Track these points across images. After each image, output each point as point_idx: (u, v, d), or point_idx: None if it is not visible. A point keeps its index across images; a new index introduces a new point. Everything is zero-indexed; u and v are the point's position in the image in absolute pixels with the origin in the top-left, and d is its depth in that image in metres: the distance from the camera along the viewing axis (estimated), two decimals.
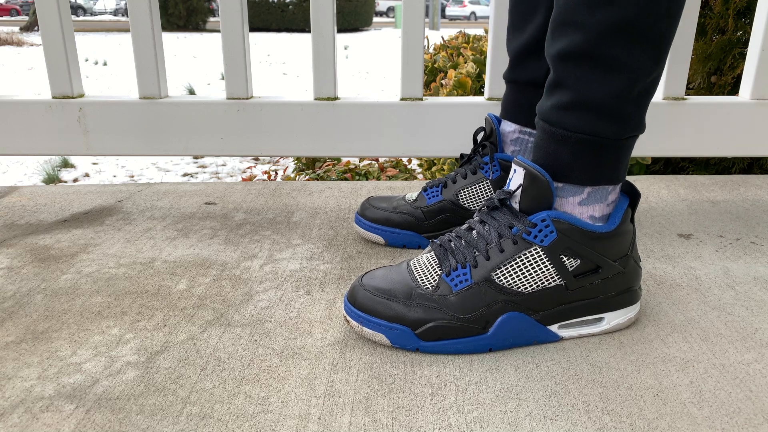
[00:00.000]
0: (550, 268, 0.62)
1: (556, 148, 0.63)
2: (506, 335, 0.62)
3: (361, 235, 0.89)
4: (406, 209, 0.86)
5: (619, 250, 0.64)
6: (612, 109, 0.61)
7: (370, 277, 0.65)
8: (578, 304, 0.64)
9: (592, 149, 0.62)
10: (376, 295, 0.63)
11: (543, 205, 0.62)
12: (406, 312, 0.61)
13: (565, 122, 0.62)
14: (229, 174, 3.20)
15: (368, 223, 0.87)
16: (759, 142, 1.09)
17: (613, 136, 0.62)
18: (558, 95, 0.62)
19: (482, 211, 0.66)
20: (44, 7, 1.04)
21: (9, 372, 0.59)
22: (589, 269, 0.63)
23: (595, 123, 0.61)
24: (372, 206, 0.88)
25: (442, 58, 2.31)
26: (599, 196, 0.64)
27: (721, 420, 0.52)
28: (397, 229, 0.86)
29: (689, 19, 1.04)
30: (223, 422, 0.52)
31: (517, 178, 0.63)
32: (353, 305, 0.64)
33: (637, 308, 0.67)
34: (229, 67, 1.07)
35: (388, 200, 0.89)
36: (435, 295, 0.62)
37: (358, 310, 0.63)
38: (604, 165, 0.63)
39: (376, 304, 0.62)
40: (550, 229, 0.61)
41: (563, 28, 0.60)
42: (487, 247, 0.63)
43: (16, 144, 1.09)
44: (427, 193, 0.87)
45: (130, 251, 0.86)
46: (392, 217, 0.86)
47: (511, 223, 0.63)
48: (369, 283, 0.64)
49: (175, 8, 16.97)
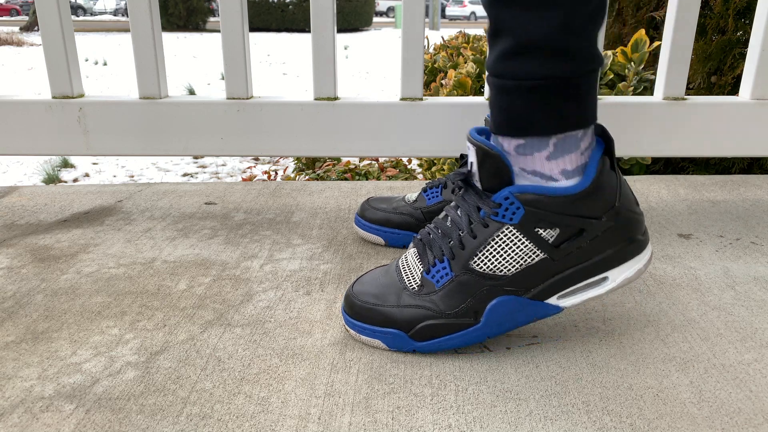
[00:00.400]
0: (528, 245, 0.58)
1: (509, 100, 0.58)
2: (499, 321, 0.60)
3: (361, 236, 0.89)
4: (405, 210, 0.86)
5: (603, 204, 0.59)
6: (557, 47, 0.56)
7: (360, 284, 0.65)
8: (571, 272, 0.60)
9: (547, 94, 0.57)
10: (366, 303, 0.63)
11: (503, 180, 0.58)
12: (397, 315, 0.61)
13: (513, 71, 0.57)
14: (229, 174, 3.20)
15: (368, 223, 0.87)
16: (759, 142, 1.09)
17: (566, 74, 0.57)
18: (500, 44, 0.58)
19: (456, 194, 0.64)
20: (44, 7, 1.04)
21: (9, 372, 0.59)
22: (571, 234, 0.59)
23: (543, 64, 0.56)
24: (372, 207, 0.88)
25: (442, 58, 2.31)
26: (568, 145, 0.58)
27: (721, 420, 0.52)
28: (396, 229, 0.86)
29: (689, 19, 1.04)
30: (223, 422, 0.52)
31: (471, 156, 0.60)
32: (348, 314, 0.64)
33: (645, 257, 0.62)
34: (229, 67, 1.07)
35: (387, 201, 0.89)
36: (420, 294, 0.62)
37: (352, 318, 0.63)
38: (566, 108, 0.58)
39: (367, 312, 0.62)
40: (516, 205, 0.58)
41: None
42: (460, 235, 0.61)
43: (16, 144, 1.09)
44: (427, 194, 0.87)
45: (130, 251, 0.86)
46: (392, 217, 0.86)
47: (478, 204, 0.60)
48: (359, 290, 0.64)
49: (175, 8, 16.97)
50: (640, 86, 1.40)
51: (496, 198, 0.58)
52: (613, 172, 0.60)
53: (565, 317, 0.68)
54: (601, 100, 1.08)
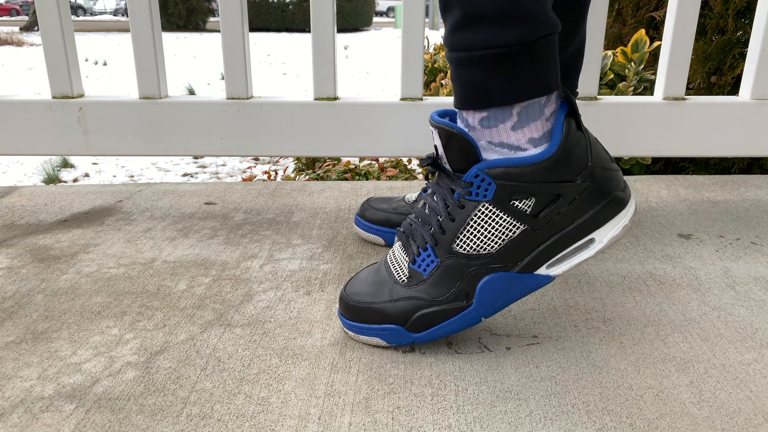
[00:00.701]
0: (506, 218, 0.58)
1: (467, 73, 0.57)
2: (492, 299, 0.60)
3: (361, 237, 0.89)
4: (406, 210, 0.86)
5: (575, 166, 0.58)
6: (506, 13, 0.54)
7: (352, 284, 0.66)
8: (556, 239, 0.60)
9: (503, 63, 0.56)
10: (360, 303, 0.63)
11: (471, 159, 0.58)
12: (391, 310, 0.61)
13: (465, 42, 0.56)
14: (229, 174, 3.20)
15: (368, 224, 0.87)
16: (759, 142, 1.09)
17: (520, 40, 0.55)
18: (450, 17, 0.57)
19: (430, 180, 0.64)
20: (44, 7, 1.04)
21: (9, 372, 0.59)
22: (548, 202, 0.58)
23: (495, 32, 0.55)
24: (371, 207, 0.88)
25: (442, 58, 2.31)
26: (532, 113, 0.57)
27: (721, 420, 0.52)
28: (396, 230, 0.86)
29: (689, 19, 1.04)
30: (223, 422, 0.52)
31: (436, 139, 0.59)
32: (344, 316, 0.64)
33: (629, 213, 0.61)
34: (229, 67, 1.07)
35: (387, 201, 0.89)
36: (410, 285, 0.62)
37: (349, 320, 0.63)
38: (524, 76, 0.56)
39: (362, 311, 0.62)
40: (487, 181, 0.57)
41: None
42: (439, 221, 0.61)
43: (16, 144, 1.09)
44: None
45: (130, 251, 0.86)
46: (392, 218, 0.86)
47: (451, 187, 0.60)
48: (352, 291, 0.64)
49: (175, 8, 16.96)
50: (640, 86, 1.40)
51: (466, 177, 0.58)
52: (581, 132, 0.60)
53: (565, 317, 0.68)
54: (601, 100, 1.08)
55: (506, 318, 0.68)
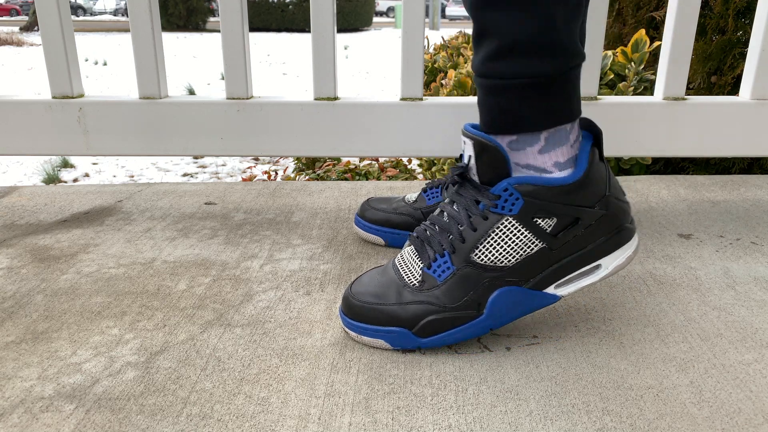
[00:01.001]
0: (527, 235, 0.60)
1: (498, 100, 0.60)
2: (502, 312, 0.61)
3: (361, 237, 0.89)
4: (405, 210, 0.86)
5: (595, 193, 0.61)
6: (541, 45, 0.58)
7: (358, 285, 0.65)
8: (568, 260, 0.62)
9: (535, 91, 0.59)
10: (367, 303, 0.62)
11: (501, 173, 0.60)
12: (400, 313, 0.61)
13: (500, 71, 0.59)
14: (229, 174, 3.20)
15: (368, 224, 0.87)
16: (759, 142, 1.09)
17: (551, 72, 0.59)
18: (485, 46, 0.60)
19: (449, 189, 0.65)
20: (44, 7, 1.04)
21: (9, 372, 0.59)
22: (568, 224, 0.61)
23: (529, 63, 0.58)
24: (372, 207, 0.88)
25: (442, 58, 2.31)
26: (559, 138, 0.61)
27: (721, 420, 0.52)
28: (397, 230, 0.86)
29: (689, 19, 1.04)
30: (223, 422, 0.52)
31: (468, 150, 0.61)
32: (348, 316, 0.63)
33: (634, 244, 0.64)
34: (229, 67, 1.07)
35: (387, 201, 0.89)
36: (422, 290, 0.62)
37: (352, 320, 0.63)
38: (554, 104, 0.60)
39: (368, 311, 0.62)
40: (515, 196, 0.59)
41: None
42: (459, 229, 0.61)
43: (16, 144, 1.09)
44: (427, 194, 0.87)
45: (130, 251, 0.86)
46: (392, 218, 0.86)
47: (476, 198, 0.61)
48: (358, 291, 0.64)
49: (175, 8, 16.96)
50: (640, 86, 1.40)
51: (495, 190, 0.59)
52: (602, 163, 0.63)
53: (565, 317, 0.68)
54: (601, 100, 1.08)
55: None
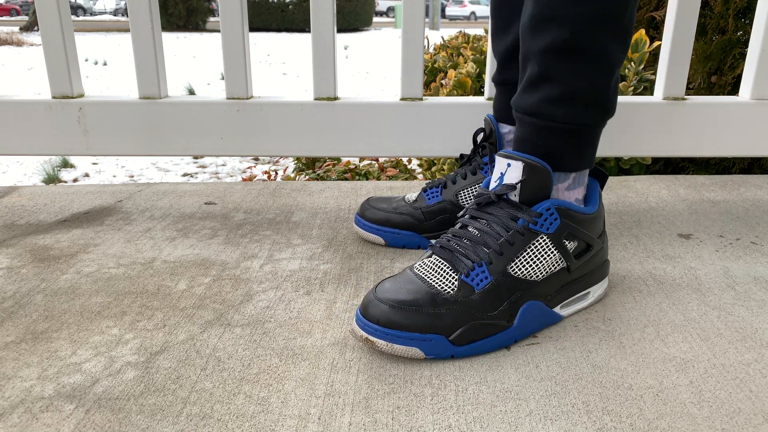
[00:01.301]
0: (556, 254, 0.65)
1: (546, 140, 0.66)
2: (527, 324, 0.64)
3: (361, 236, 0.89)
4: (405, 210, 0.86)
5: (599, 227, 0.70)
6: (597, 99, 0.65)
7: (383, 290, 0.62)
8: (574, 283, 0.68)
9: (579, 137, 0.66)
10: (400, 308, 0.60)
11: (543, 195, 0.64)
12: (436, 320, 0.60)
13: (555, 114, 0.65)
14: (229, 174, 3.20)
15: (368, 223, 0.87)
16: (759, 142, 1.09)
17: (596, 123, 0.66)
18: (545, 89, 0.65)
19: (472, 208, 0.67)
20: (44, 7, 1.04)
21: (9, 372, 0.59)
22: (582, 249, 0.68)
23: (584, 113, 0.65)
24: (372, 207, 0.88)
25: (442, 58, 2.31)
26: (580, 179, 0.69)
27: (721, 420, 0.52)
28: (397, 229, 0.86)
29: (689, 19, 1.04)
30: (223, 422, 0.52)
31: (514, 172, 0.64)
32: (373, 322, 0.59)
33: (607, 279, 0.73)
34: (229, 67, 1.07)
35: (387, 201, 0.89)
36: (459, 297, 0.61)
37: (381, 327, 0.59)
38: (587, 151, 0.67)
39: (402, 318, 0.59)
40: (555, 216, 0.64)
41: (546, 24, 0.63)
42: (497, 243, 0.63)
43: (16, 144, 1.09)
44: (427, 194, 0.87)
45: (130, 251, 0.86)
46: (392, 217, 0.86)
47: (515, 215, 0.64)
48: (386, 297, 0.60)
49: (175, 8, 16.96)
50: (640, 86, 1.40)
51: (537, 208, 0.64)
52: (601, 202, 0.71)
53: (564, 317, 0.68)
54: None
55: None
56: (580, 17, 0.61)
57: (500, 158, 0.65)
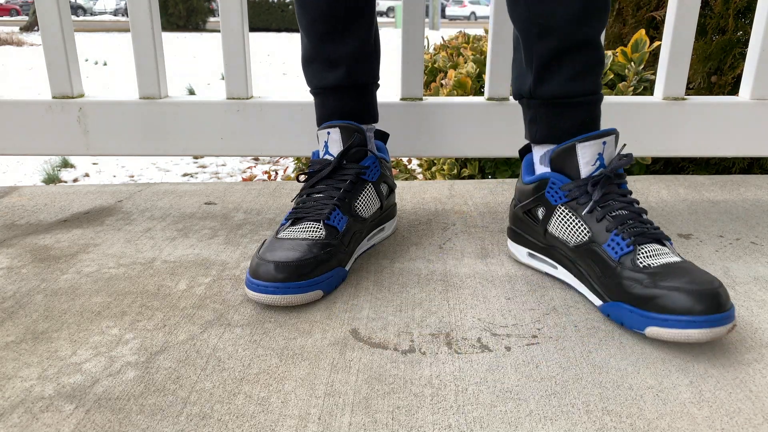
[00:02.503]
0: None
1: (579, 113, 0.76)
2: None
3: None
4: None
5: None
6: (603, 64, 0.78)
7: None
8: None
9: None
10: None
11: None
12: None
13: (590, 88, 0.75)
14: (229, 174, 3.20)
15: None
16: (759, 142, 1.09)
17: None
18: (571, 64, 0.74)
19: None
20: (44, 7, 1.04)
21: (9, 372, 0.59)
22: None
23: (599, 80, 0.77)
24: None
25: (442, 58, 2.30)
26: None
27: (721, 420, 0.52)
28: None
29: (689, 19, 1.04)
30: (223, 422, 0.52)
31: (605, 146, 0.72)
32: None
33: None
34: (229, 67, 1.07)
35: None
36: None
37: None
38: None
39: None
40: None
41: None
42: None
43: (16, 144, 1.09)
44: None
45: (130, 251, 0.86)
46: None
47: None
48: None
49: (175, 8, 16.96)
50: (640, 86, 1.40)
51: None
52: None
53: (565, 317, 0.68)
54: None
55: (506, 318, 0.68)
56: None
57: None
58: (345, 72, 0.83)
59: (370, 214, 0.82)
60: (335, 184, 0.79)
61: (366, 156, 0.82)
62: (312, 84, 0.86)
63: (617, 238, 0.66)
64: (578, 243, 0.70)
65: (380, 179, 0.84)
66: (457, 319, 0.68)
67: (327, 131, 0.81)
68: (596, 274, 0.68)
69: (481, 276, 0.78)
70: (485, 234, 0.91)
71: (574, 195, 0.71)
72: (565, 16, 0.70)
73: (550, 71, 0.73)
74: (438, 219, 0.98)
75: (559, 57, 0.72)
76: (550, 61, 0.73)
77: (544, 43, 0.72)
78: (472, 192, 1.11)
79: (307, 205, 0.77)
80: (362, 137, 0.81)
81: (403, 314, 0.69)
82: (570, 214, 0.71)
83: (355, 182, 0.80)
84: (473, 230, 0.93)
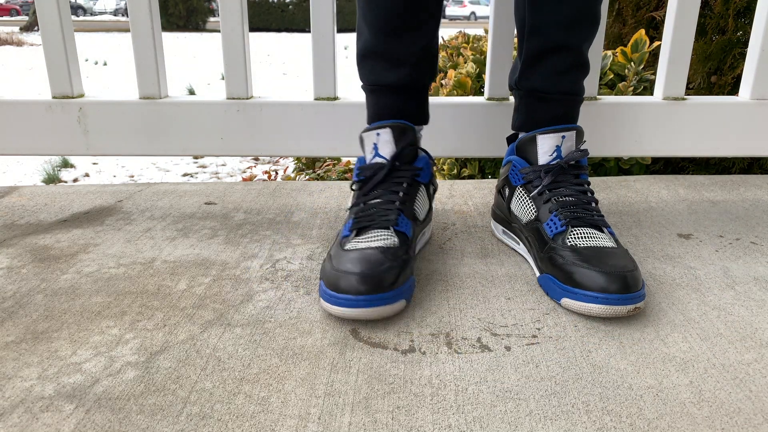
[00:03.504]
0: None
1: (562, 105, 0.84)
2: None
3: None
4: None
5: None
6: None
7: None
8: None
9: None
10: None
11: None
12: None
13: (577, 86, 0.83)
14: (229, 174, 3.20)
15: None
16: (759, 142, 1.09)
17: None
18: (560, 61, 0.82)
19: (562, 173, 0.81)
20: (44, 7, 1.04)
21: (9, 372, 0.59)
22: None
23: None
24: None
25: (442, 58, 2.30)
26: None
27: (721, 420, 0.52)
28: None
29: (689, 19, 1.04)
30: (223, 422, 0.52)
31: (570, 139, 0.79)
32: None
33: None
34: (229, 67, 1.07)
35: None
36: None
37: None
38: None
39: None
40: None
41: None
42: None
43: (16, 144, 1.09)
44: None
45: (130, 251, 0.86)
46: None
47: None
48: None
49: (175, 8, 16.96)
50: (640, 86, 1.40)
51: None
52: None
53: (565, 317, 0.68)
54: (601, 100, 1.08)
55: (506, 318, 0.68)
56: None
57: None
58: (408, 71, 0.82)
59: (423, 217, 0.81)
60: (392, 188, 0.76)
61: (416, 156, 0.80)
62: (369, 80, 0.84)
63: (555, 218, 0.75)
64: (528, 221, 0.79)
65: (430, 180, 0.83)
66: (457, 319, 0.68)
67: (376, 132, 0.78)
68: (536, 248, 0.76)
69: (481, 276, 0.78)
70: (485, 234, 0.91)
71: (530, 178, 0.80)
72: (553, 22, 0.78)
73: (533, 67, 0.82)
74: (438, 219, 0.98)
75: (542, 56, 0.81)
76: (534, 58, 0.81)
77: (531, 41, 0.80)
78: (472, 192, 1.11)
79: (369, 213, 0.74)
80: (414, 137, 0.79)
81: (403, 314, 0.69)
82: (525, 195, 0.81)
83: (410, 184, 0.78)
84: (473, 230, 0.93)
